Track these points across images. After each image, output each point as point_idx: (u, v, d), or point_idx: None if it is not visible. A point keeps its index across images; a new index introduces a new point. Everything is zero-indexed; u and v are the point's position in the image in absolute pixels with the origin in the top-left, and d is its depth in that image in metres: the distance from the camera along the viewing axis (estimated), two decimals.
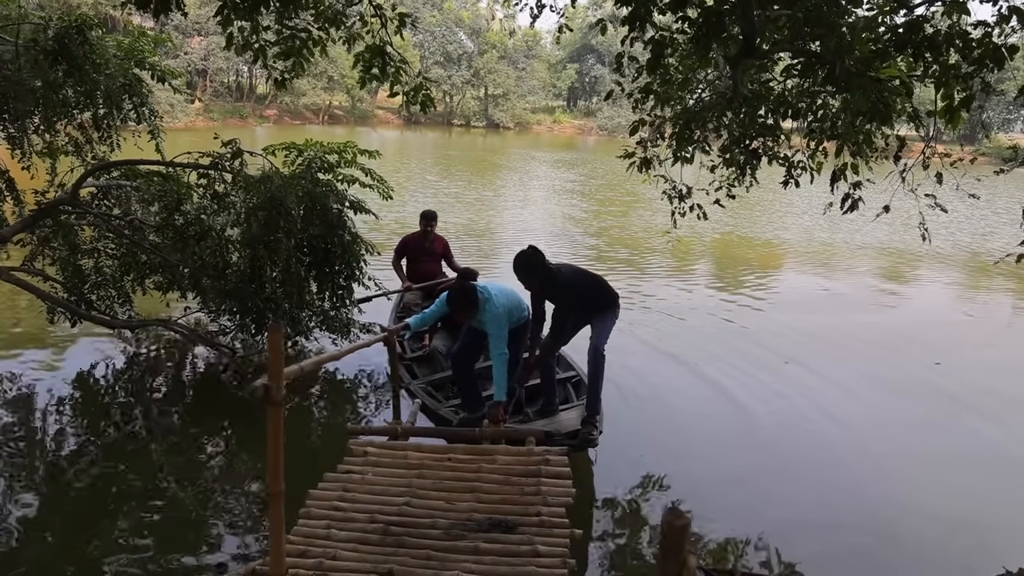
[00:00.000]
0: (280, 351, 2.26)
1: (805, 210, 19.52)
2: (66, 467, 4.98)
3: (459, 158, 33.79)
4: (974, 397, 6.95)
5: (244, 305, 6.01)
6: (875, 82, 3.62)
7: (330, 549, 3.37)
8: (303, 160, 6.24)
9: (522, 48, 64.98)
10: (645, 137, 5.39)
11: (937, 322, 9.68)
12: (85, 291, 6.42)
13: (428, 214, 6.98)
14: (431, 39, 62.47)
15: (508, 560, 3.35)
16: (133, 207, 6.50)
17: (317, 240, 6.09)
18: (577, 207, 19.73)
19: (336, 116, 55.84)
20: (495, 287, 4.97)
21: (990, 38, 3.36)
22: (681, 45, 4.48)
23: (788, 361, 7.55)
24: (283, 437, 2.45)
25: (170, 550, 4.06)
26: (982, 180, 4.76)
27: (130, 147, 6.42)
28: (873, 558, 4.37)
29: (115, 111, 5.99)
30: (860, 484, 5.23)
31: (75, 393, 6.10)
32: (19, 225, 5.98)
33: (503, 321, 4.79)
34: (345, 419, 5.94)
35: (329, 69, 48.66)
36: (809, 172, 5.12)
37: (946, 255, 14.54)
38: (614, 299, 5.18)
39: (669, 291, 10.56)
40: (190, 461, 5.14)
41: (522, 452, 4.37)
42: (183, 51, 44.29)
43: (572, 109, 71.59)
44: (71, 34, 5.30)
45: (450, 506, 3.77)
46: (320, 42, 4.77)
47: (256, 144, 6.99)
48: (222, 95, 50.80)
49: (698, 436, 5.93)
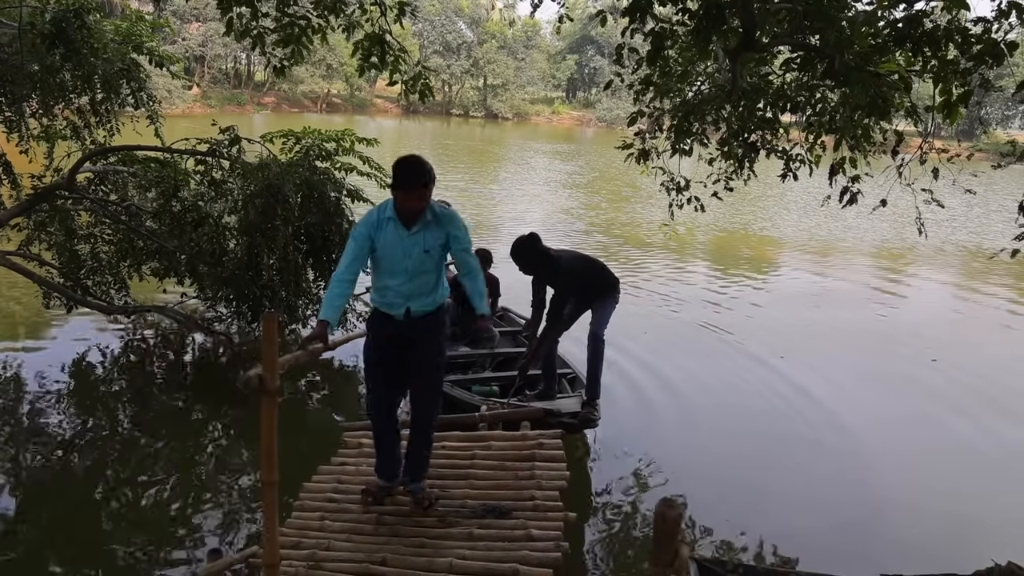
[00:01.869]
0: (275, 340, 2.27)
1: (803, 204, 19.54)
2: (60, 453, 4.98)
3: (457, 148, 33.70)
4: (971, 394, 6.97)
5: (241, 292, 6.02)
6: (874, 77, 3.62)
7: (324, 540, 3.40)
8: (301, 148, 6.23)
9: (521, 38, 64.72)
10: (643, 129, 5.39)
11: (934, 318, 9.71)
12: (81, 276, 6.42)
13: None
14: (430, 28, 62.16)
15: (502, 545, 3.38)
16: (130, 193, 6.49)
17: (314, 228, 6.09)
18: (574, 199, 19.71)
19: (334, 104, 55.61)
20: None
21: (989, 34, 3.35)
22: (681, 37, 4.47)
23: (783, 356, 7.58)
24: (276, 427, 2.46)
25: (163, 536, 4.07)
26: (979, 176, 4.77)
27: (129, 132, 6.40)
28: (866, 551, 4.39)
29: (113, 96, 5.97)
30: (854, 479, 5.26)
31: (69, 379, 6.10)
32: (15, 209, 5.96)
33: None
34: (340, 410, 5.95)
35: (328, 57, 48.42)
36: (807, 165, 5.12)
37: (943, 251, 14.57)
38: (614, 284, 5.18)
39: (665, 283, 10.58)
40: (185, 448, 5.15)
41: (516, 437, 4.41)
42: (181, 37, 44.04)
43: (571, 100, 71.38)
44: (69, 18, 5.28)
45: (443, 493, 3.80)
46: (320, 30, 4.76)
47: (254, 131, 6.97)
48: (220, 82, 50.55)
49: (693, 427, 5.96)
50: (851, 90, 3.78)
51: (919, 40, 3.44)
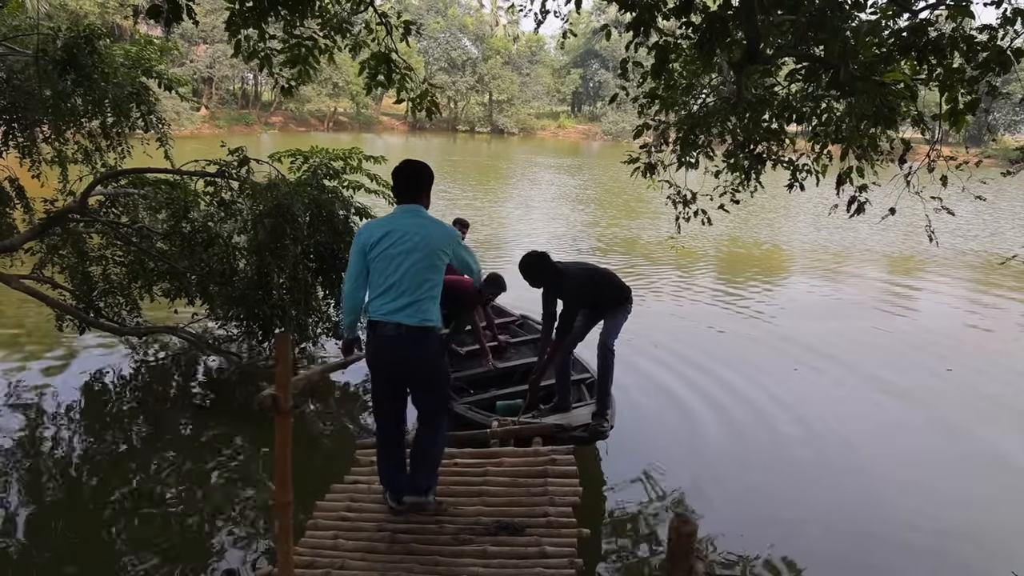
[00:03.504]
0: (288, 360, 2.27)
1: (813, 213, 19.49)
2: (72, 472, 5.00)
3: (463, 164, 33.86)
4: (987, 404, 6.89)
5: (251, 312, 6.05)
6: (879, 86, 3.62)
7: (338, 559, 3.39)
8: (309, 167, 6.28)
9: (526, 53, 65.14)
10: (649, 142, 5.40)
11: (948, 328, 9.60)
12: (93, 298, 6.47)
13: (461, 221, 7.28)
14: (435, 45, 62.67)
15: (515, 563, 3.36)
16: (141, 215, 6.55)
17: (323, 247, 6.12)
18: (581, 212, 19.74)
19: (341, 122, 56.05)
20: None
21: (995, 41, 3.35)
22: (685, 50, 4.49)
23: (798, 367, 7.53)
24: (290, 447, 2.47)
25: (178, 556, 4.07)
26: (987, 183, 4.75)
27: (139, 154, 6.47)
28: (881, 564, 4.35)
29: (123, 119, 6.04)
30: (870, 491, 5.20)
31: (82, 399, 6.14)
32: (28, 234, 6.02)
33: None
34: (352, 428, 5.95)
35: (334, 76, 48.87)
36: (814, 175, 5.12)
37: (955, 259, 14.46)
38: (626, 295, 5.18)
39: (675, 296, 10.57)
40: (197, 467, 5.16)
41: (528, 453, 4.39)
42: (189, 59, 44.57)
43: (576, 114, 71.68)
44: (79, 44, 5.35)
45: (457, 511, 3.78)
46: (326, 50, 4.81)
47: (262, 150, 7.05)
48: (228, 102, 51.07)
49: (707, 439, 5.92)
50: (857, 100, 3.79)
51: (924, 49, 3.45)
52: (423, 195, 3.61)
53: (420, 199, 3.60)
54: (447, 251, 3.53)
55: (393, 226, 3.49)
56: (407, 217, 3.53)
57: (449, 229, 3.63)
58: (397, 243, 3.43)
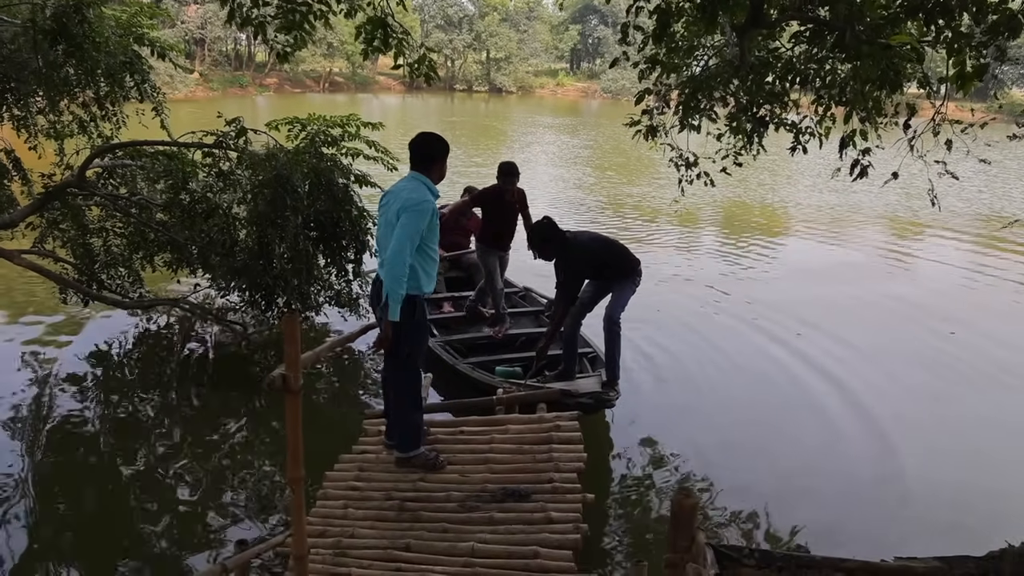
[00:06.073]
0: (297, 340, 2.29)
1: (815, 174, 19.33)
2: (83, 446, 5.07)
3: (462, 124, 33.46)
4: (990, 367, 6.93)
5: (253, 281, 6.04)
6: (885, 49, 3.56)
7: (348, 527, 3.46)
8: (306, 135, 6.21)
9: (523, 10, 63.85)
10: (651, 106, 5.33)
11: (951, 291, 9.58)
12: (96, 271, 6.47)
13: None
14: (431, 2, 61.42)
15: (522, 528, 3.44)
16: (139, 186, 6.51)
17: (324, 215, 6.09)
18: (584, 174, 19.59)
19: (337, 83, 55.23)
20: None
21: (1006, 3, 3.28)
22: (687, 13, 4.40)
23: (800, 333, 7.55)
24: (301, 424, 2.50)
25: (190, 527, 4.16)
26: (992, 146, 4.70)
27: (134, 123, 6.39)
28: (886, 530, 4.40)
29: (117, 89, 5.95)
30: (875, 456, 5.24)
31: (88, 371, 6.20)
32: (28, 209, 5.99)
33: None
34: (359, 399, 6.02)
35: (328, 36, 47.95)
36: (817, 138, 5.06)
37: (958, 222, 14.33)
38: (633, 267, 5.17)
39: (678, 260, 10.55)
40: (206, 438, 5.23)
41: (533, 420, 4.46)
42: (180, 20, 43.69)
43: (575, 72, 70.56)
44: (69, 13, 5.24)
45: (463, 479, 3.85)
46: (322, 15, 4.71)
47: (257, 113, 7.01)
48: (221, 64, 50.22)
49: (711, 406, 5.98)
50: (862, 63, 3.72)
51: (932, 11, 3.38)
52: (429, 165, 3.86)
53: (424, 168, 3.84)
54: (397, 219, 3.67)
55: (389, 193, 3.88)
56: (401, 183, 3.86)
57: (411, 200, 3.67)
58: (384, 208, 3.85)
